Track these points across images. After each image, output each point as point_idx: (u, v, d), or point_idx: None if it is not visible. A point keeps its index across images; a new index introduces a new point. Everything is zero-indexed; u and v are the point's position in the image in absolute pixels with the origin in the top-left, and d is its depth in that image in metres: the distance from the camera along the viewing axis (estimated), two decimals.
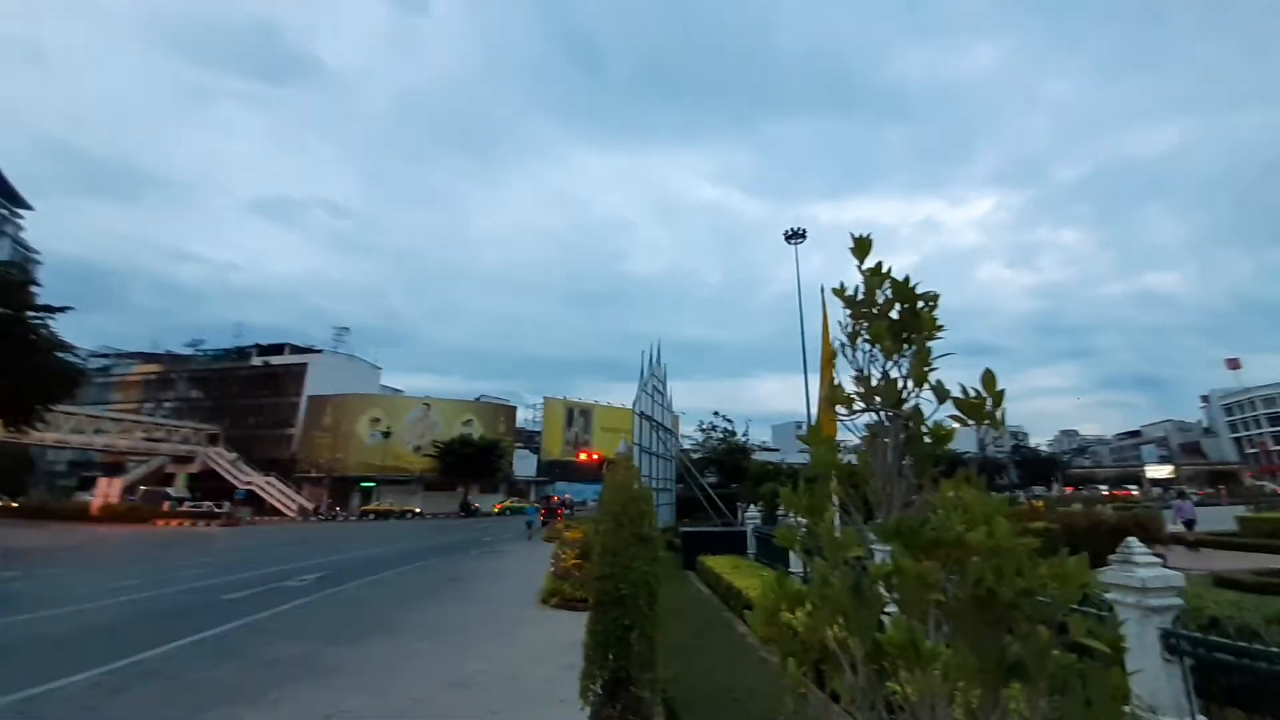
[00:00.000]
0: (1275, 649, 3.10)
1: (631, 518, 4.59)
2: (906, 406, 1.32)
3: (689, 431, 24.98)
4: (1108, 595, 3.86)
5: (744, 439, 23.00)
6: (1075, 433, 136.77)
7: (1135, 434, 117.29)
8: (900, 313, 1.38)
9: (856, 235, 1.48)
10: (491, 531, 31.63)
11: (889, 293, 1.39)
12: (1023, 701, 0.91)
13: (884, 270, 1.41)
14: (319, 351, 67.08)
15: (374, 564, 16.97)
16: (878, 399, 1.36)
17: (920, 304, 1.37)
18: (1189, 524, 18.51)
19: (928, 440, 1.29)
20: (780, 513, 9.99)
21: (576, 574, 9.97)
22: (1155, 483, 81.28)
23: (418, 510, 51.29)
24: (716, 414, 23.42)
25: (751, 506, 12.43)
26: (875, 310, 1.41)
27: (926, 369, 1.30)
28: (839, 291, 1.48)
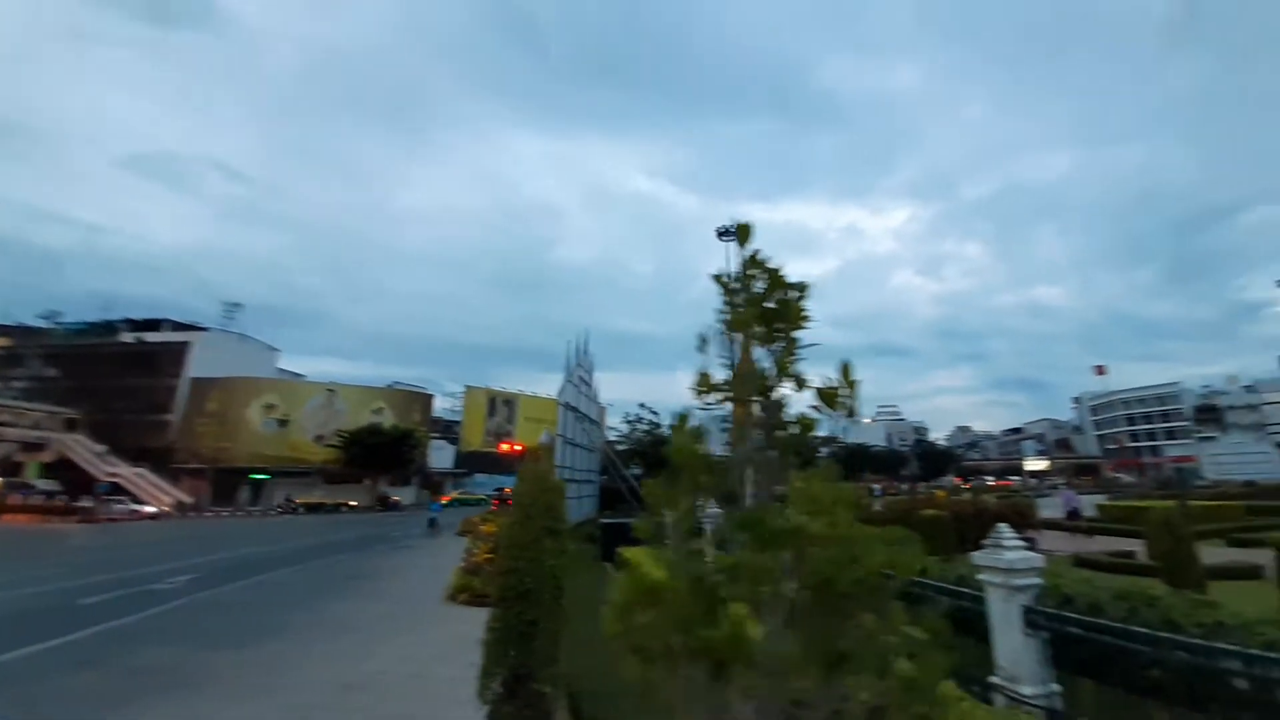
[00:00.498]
0: (1119, 624, 3.53)
1: (542, 510, 4.49)
2: (773, 396, 1.30)
3: (616, 423, 25.09)
4: (980, 576, 4.23)
5: (668, 430, 23.57)
6: (969, 429, 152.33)
7: (1018, 431, 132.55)
8: (772, 302, 1.37)
9: (738, 223, 1.45)
10: (403, 526, 30.17)
11: (764, 282, 1.37)
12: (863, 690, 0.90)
13: (760, 259, 1.39)
14: (204, 329, 60.85)
15: (262, 563, 15.80)
16: (742, 388, 1.34)
17: (790, 294, 1.35)
18: (1074, 513, 20.27)
19: (793, 430, 1.27)
20: (708, 504, 10.17)
21: (488, 568, 9.67)
22: (1032, 474, 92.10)
23: (353, 503, 47.85)
24: (642, 405, 23.73)
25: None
26: (747, 299, 1.39)
27: (791, 359, 1.29)
28: (719, 279, 1.45)
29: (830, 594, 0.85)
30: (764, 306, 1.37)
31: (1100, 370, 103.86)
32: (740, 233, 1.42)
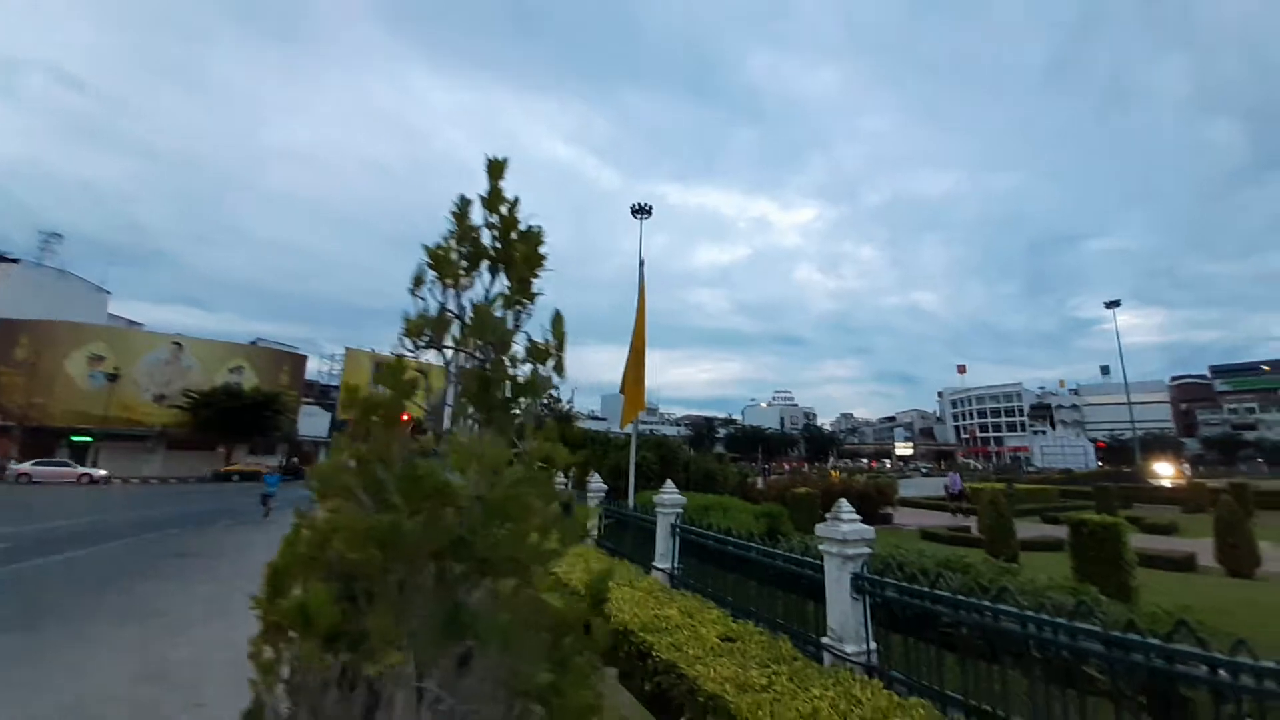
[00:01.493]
0: (927, 589, 3.90)
1: None
2: (499, 349, 1.13)
3: None
4: (820, 547, 4.51)
5: (569, 406, 23.28)
6: (851, 415, 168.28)
7: (891, 419, 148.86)
8: (502, 244, 1.19)
9: (491, 157, 1.25)
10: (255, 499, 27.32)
11: (498, 223, 1.20)
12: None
13: (502, 197, 1.21)
14: (13, 261, 50.56)
15: (79, 537, 13.90)
16: (455, 335, 1.17)
17: (526, 241, 1.19)
18: (958, 494, 22.64)
19: (516, 384, 1.11)
20: (592, 480, 10.08)
21: None
22: (900, 458, 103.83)
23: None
24: None
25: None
26: (474, 239, 1.21)
27: (519, 309, 1.13)
28: (456, 215, 1.25)
29: (466, 558, 0.67)
30: (495, 249, 1.18)
31: (961, 369, 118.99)
32: (493, 169, 1.21)
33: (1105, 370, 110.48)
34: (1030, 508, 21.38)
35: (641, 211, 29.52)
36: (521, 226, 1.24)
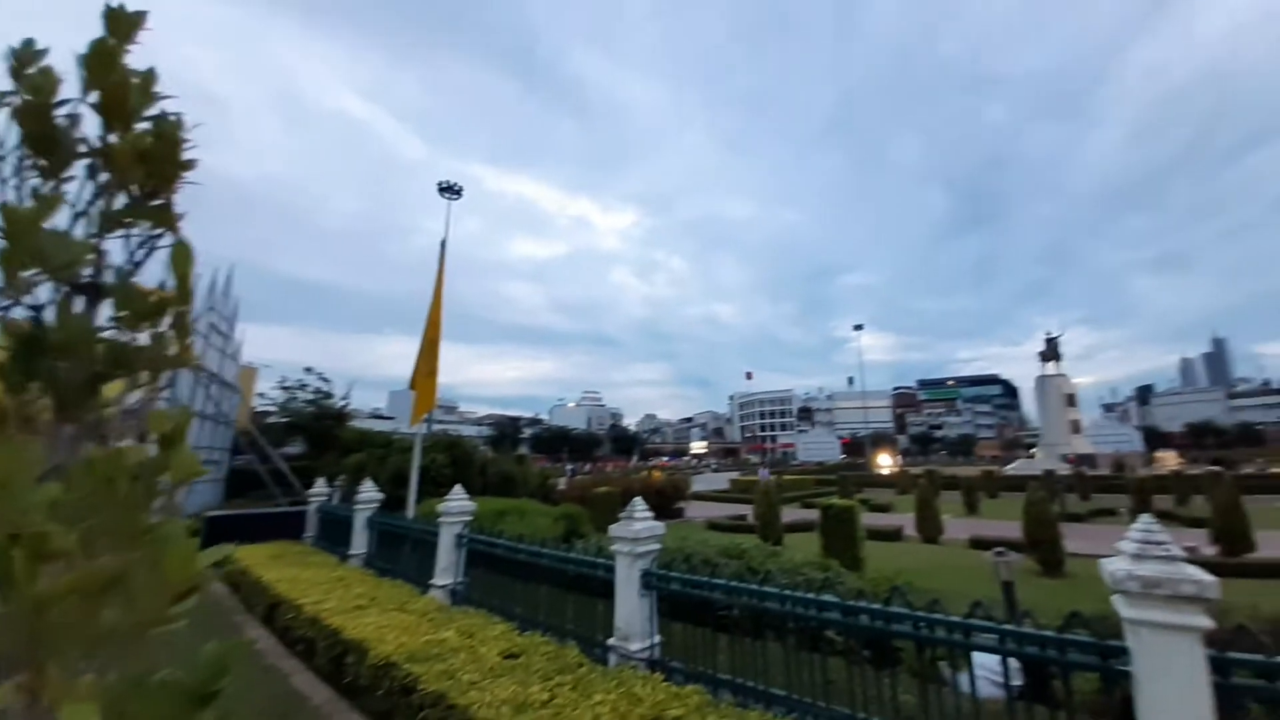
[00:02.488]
0: (705, 578, 4.14)
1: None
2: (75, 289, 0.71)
3: (270, 389, 20.27)
4: (613, 547, 4.50)
5: (343, 402, 20.23)
6: (654, 416, 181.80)
7: (690, 420, 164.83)
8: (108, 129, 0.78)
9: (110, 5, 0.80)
10: None
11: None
12: None
13: (112, 49, 0.78)
14: None
15: None
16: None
17: (153, 132, 0.79)
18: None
19: (115, 352, 0.71)
20: (364, 487, 8.77)
21: None
22: (695, 456, 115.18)
23: None
24: (309, 370, 19.80)
25: (324, 481, 10.66)
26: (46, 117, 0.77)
27: (140, 234, 0.74)
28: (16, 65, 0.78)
29: None
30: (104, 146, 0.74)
31: (749, 376, 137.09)
32: (114, 22, 0.75)
33: (850, 381, 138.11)
34: (793, 495, 25.44)
35: (450, 190, 27.60)
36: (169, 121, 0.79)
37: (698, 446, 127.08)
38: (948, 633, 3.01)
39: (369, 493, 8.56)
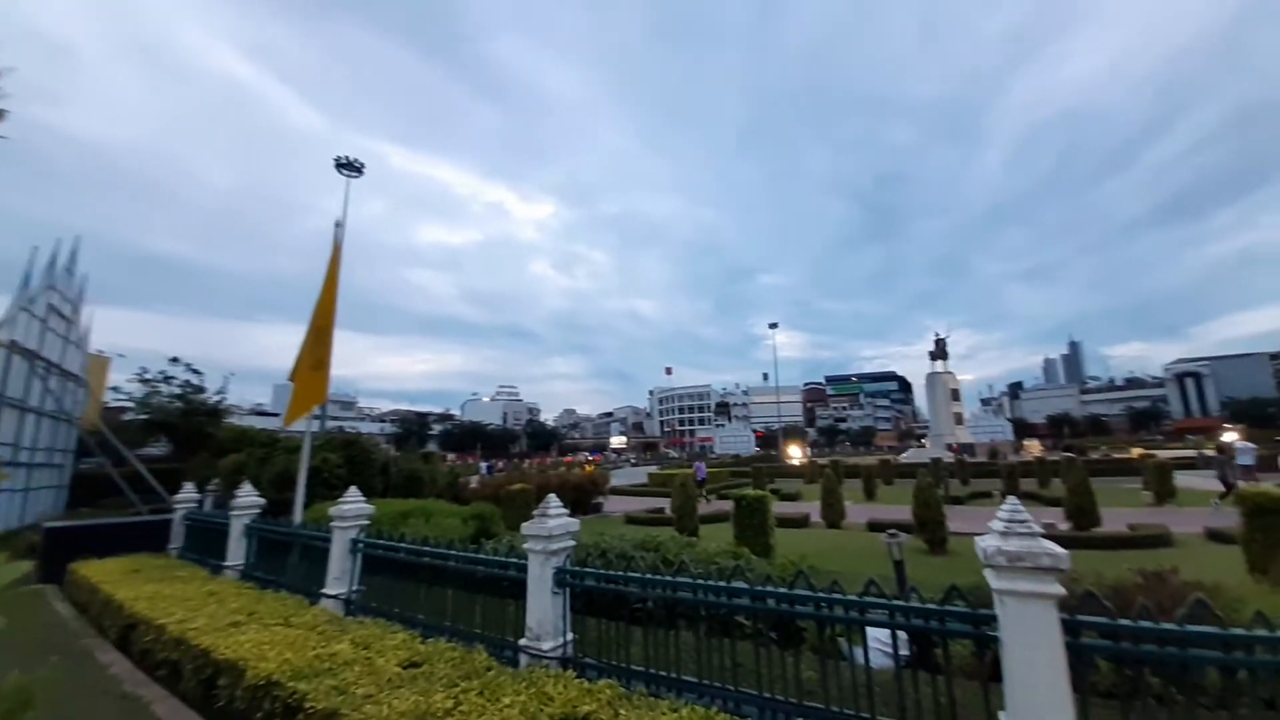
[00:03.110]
0: (620, 573, 4.16)
1: None
2: None
3: (125, 381, 17.69)
4: (525, 545, 4.40)
5: (218, 397, 18.18)
6: (574, 411, 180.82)
7: (609, 414, 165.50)
8: None
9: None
10: None
11: None
12: None
13: None
14: None
15: None
16: None
17: None
18: (701, 482, 25.53)
19: None
20: (243, 491, 7.96)
21: None
22: (615, 450, 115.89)
23: None
24: (175, 360, 17.55)
25: (193, 486, 9.58)
26: None
27: None
28: None
29: None
30: None
31: (668, 371, 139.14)
32: None
33: (765, 376, 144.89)
34: (710, 488, 26.30)
35: (349, 167, 25.88)
36: None
37: (617, 441, 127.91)
38: (845, 611, 3.23)
39: (248, 497, 7.78)
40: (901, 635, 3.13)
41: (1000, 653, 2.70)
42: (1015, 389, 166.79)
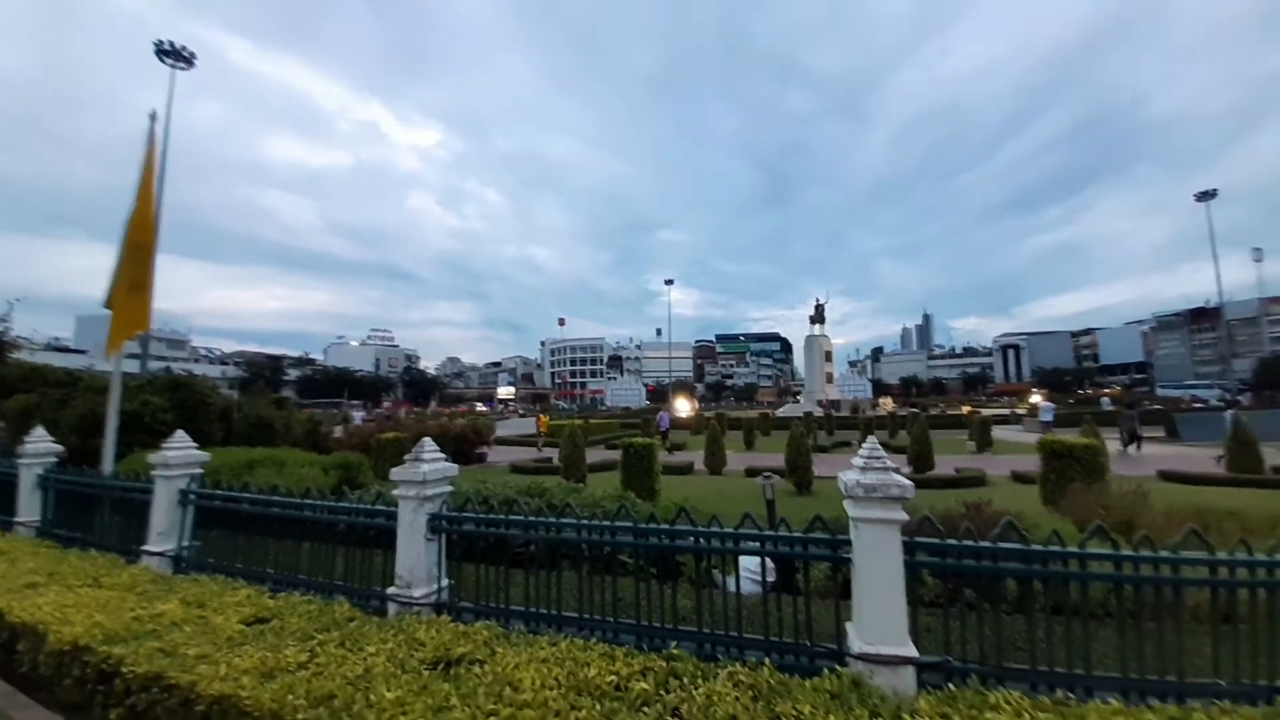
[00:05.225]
0: (503, 516, 4.08)
1: None
2: None
3: None
4: (395, 491, 4.15)
5: (2, 328, 14.93)
6: (459, 360, 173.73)
7: (498, 364, 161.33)
8: None
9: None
10: None
11: None
12: None
13: None
14: None
15: None
16: None
17: None
18: (664, 433, 26.79)
19: None
20: (34, 437, 6.67)
21: None
22: (501, 401, 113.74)
23: None
24: None
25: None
26: None
27: None
28: None
29: None
30: None
31: (562, 322, 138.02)
32: None
33: (659, 332, 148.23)
34: (600, 438, 26.87)
35: (174, 55, 22.07)
36: None
37: (505, 392, 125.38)
38: (721, 543, 3.44)
39: (41, 443, 6.55)
40: (770, 564, 3.42)
41: (851, 573, 3.04)
42: (877, 353, 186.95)
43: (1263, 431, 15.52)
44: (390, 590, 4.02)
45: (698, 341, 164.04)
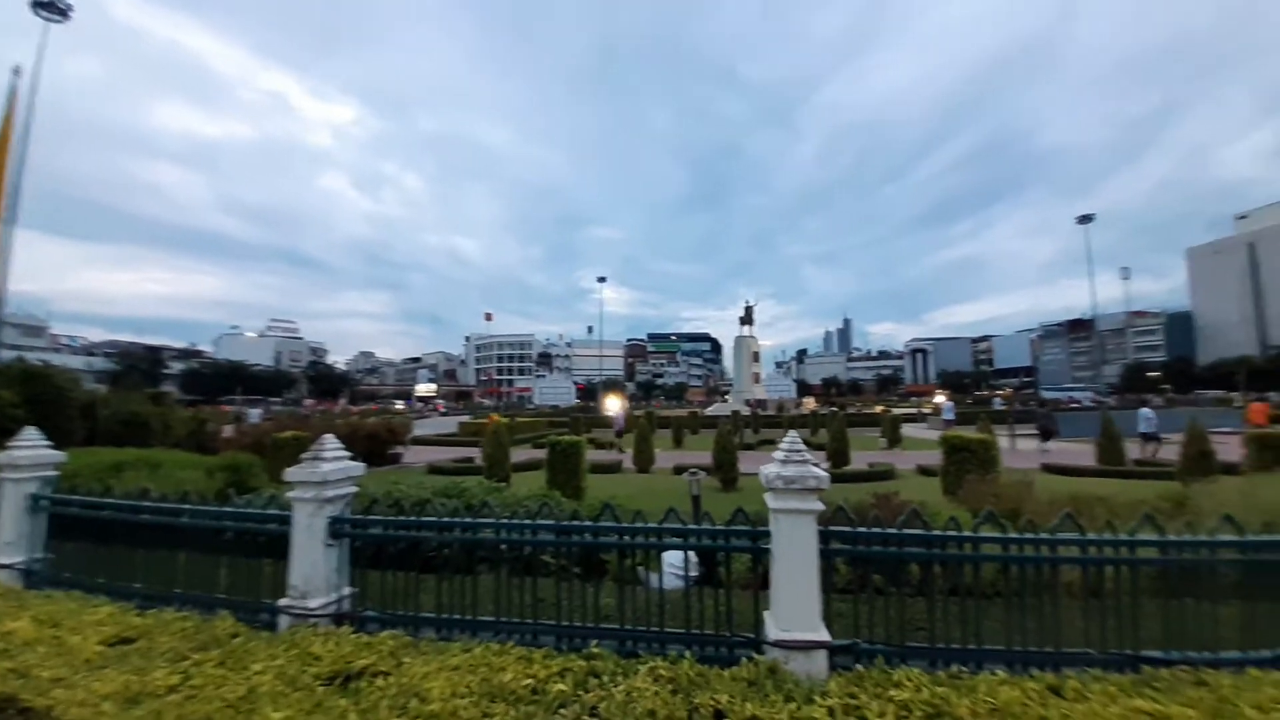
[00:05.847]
0: (414, 519, 3.86)
1: None
2: None
3: None
4: (290, 494, 3.82)
5: None
6: (372, 354, 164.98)
7: (417, 360, 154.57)
8: None
9: None
10: None
11: None
12: None
13: None
14: None
15: None
16: None
17: None
18: (620, 433, 26.28)
19: None
20: None
21: None
22: (421, 398, 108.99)
23: None
24: None
25: None
26: None
27: None
28: None
29: None
30: None
31: (488, 317, 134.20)
32: None
33: (590, 330, 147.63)
34: (526, 437, 26.33)
35: (49, 7, 19.74)
36: None
37: (424, 389, 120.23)
38: (646, 538, 3.43)
39: None
40: (693, 558, 3.44)
41: (769, 563, 3.12)
42: (801, 355, 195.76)
43: (1127, 428, 17.61)
44: (283, 602, 3.70)
45: (629, 340, 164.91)
